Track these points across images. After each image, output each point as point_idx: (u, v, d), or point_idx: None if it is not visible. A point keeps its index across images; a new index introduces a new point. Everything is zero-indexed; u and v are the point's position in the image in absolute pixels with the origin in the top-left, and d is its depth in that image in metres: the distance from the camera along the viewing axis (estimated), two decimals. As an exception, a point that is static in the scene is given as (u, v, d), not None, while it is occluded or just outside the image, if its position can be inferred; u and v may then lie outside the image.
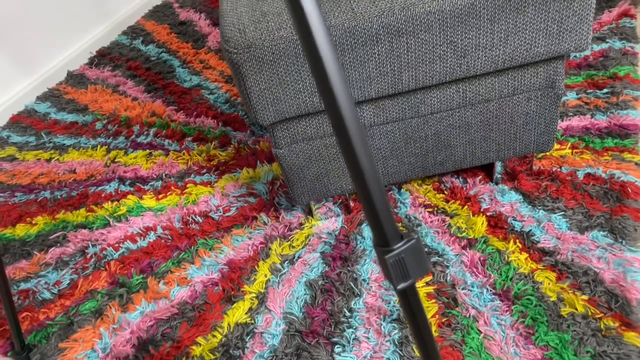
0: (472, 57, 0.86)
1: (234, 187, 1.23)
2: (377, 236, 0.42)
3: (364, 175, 0.41)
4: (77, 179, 1.36)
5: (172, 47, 1.85)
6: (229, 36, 0.83)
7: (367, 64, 0.84)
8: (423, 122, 0.96)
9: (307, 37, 0.38)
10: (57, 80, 1.80)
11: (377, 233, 0.42)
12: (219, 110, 1.50)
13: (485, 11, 0.81)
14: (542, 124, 0.99)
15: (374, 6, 0.81)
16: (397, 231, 0.42)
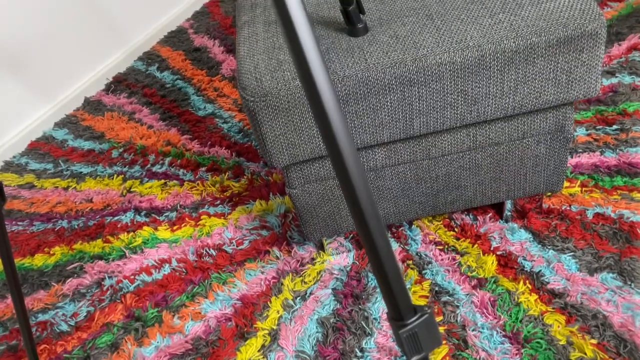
0: (482, 104, 0.88)
1: (247, 220, 1.26)
2: (391, 310, 0.44)
3: (379, 254, 0.43)
4: (93, 209, 1.39)
5: (187, 74, 1.89)
6: (246, 84, 0.86)
7: (379, 112, 0.87)
8: (434, 164, 0.98)
9: (311, 88, 0.40)
10: (75, 106, 1.84)
11: (392, 307, 0.44)
12: (232, 140, 1.53)
13: (495, 63, 0.83)
14: (551, 165, 1.01)
15: (387, 57, 0.83)
16: (411, 305, 0.44)
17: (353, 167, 0.43)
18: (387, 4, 0.95)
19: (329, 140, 0.42)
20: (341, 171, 0.42)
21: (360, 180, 0.43)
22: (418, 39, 0.85)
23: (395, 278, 0.43)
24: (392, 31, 0.88)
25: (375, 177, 0.99)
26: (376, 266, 0.43)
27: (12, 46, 1.64)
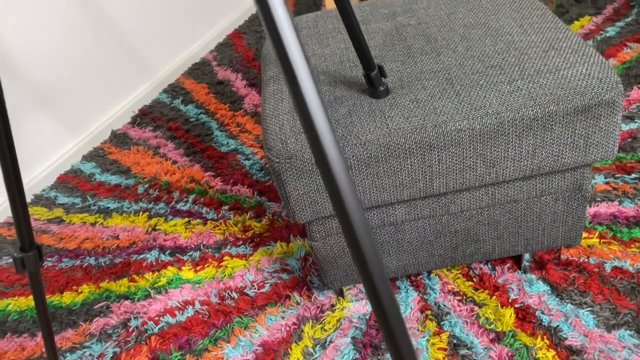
0: (500, 167, 0.90)
1: (268, 262, 1.29)
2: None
3: (386, 314, 0.45)
4: (120, 246, 1.44)
5: (210, 108, 1.94)
6: (272, 145, 0.89)
7: (399, 173, 0.89)
8: (453, 219, 1.00)
9: (319, 152, 0.42)
10: (102, 139, 1.90)
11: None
12: (254, 178, 1.56)
13: (513, 129, 0.85)
14: (569, 222, 1.02)
15: (408, 123, 0.86)
16: None
17: (360, 227, 0.45)
18: (409, 65, 0.98)
19: (335, 201, 0.44)
20: (348, 231, 0.45)
21: (367, 240, 0.46)
22: (438, 104, 0.88)
23: (400, 333, 0.46)
24: (412, 95, 0.91)
25: (395, 231, 1.01)
26: (381, 322, 0.46)
27: (42, 81, 1.70)
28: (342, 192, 0.44)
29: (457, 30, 1.05)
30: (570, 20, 1.94)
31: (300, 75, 0.39)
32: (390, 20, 1.15)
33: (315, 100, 0.41)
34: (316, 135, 0.42)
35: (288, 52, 0.38)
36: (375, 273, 0.46)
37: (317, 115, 0.41)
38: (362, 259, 0.46)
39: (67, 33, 1.74)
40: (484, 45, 0.98)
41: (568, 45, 0.93)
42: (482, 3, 1.13)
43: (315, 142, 0.42)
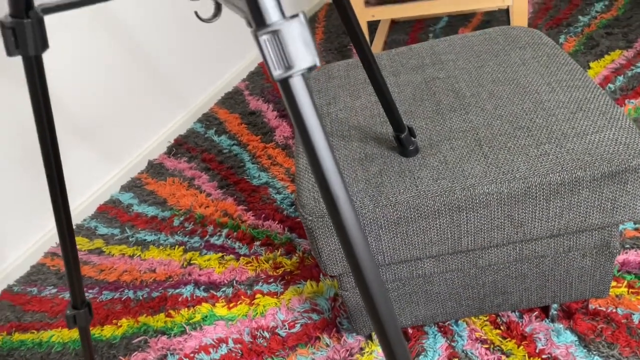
0: (528, 227, 0.92)
1: (299, 302, 1.33)
2: None
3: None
4: (157, 279, 1.50)
5: (242, 140, 2.00)
6: (305, 203, 0.94)
7: (429, 232, 0.92)
8: (481, 272, 1.03)
9: (335, 212, 0.46)
10: (139, 169, 1.98)
11: None
12: (285, 214, 1.61)
13: (540, 193, 0.88)
14: (597, 276, 1.03)
15: (436, 185, 0.89)
16: None
17: (373, 281, 0.49)
18: (438, 123, 1.02)
19: (349, 254, 0.48)
20: (361, 283, 0.48)
21: (379, 293, 0.49)
22: (466, 166, 0.91)
23: None
24: (441, 155, 0.94)
25: (424, 282, 1.04)
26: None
27: (83, 115, 1.79)
28: (357, 250, 0.48)
29: (485, 86, 1.08)
30: (601, 54, 1.93)
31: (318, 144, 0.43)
32: (420, 72, 1.18)
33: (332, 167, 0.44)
34: (332, 198, 0.45)
35: (305, 119, 0.41)
36: (387, 324, 0.50)
37: (332, 177, 0.45)
38: (374, 310, 0.50)
39: (105, 68, 1.83)
40: (512, 104, 1.01)
41: (596, 107, 0.95)
42: (511, 57, 1.15)
43: (332, 209, 0.46)
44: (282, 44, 0.38)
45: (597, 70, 1.86)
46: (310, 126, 0.41)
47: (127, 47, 1.89)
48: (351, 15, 0.81)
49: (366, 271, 0.49)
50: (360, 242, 0.48)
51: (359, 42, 0.84)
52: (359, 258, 0.48)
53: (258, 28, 0.38)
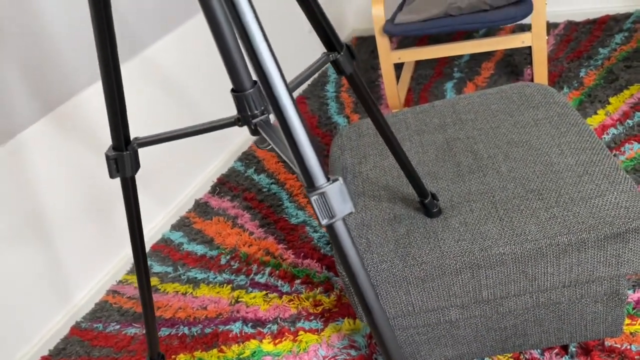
0: (541, 280, 1.04)
1: (338, 338, 1.46)
2: None
3: None
4: (208, 316, 1.66)
5: (280, 178, 2.16)
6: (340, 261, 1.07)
7: (452, 287, 1.05)
8: (502, 318, 1.14)
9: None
10: (187, 208, 2.15)
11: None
12: (322, 252, 1.75)
13: (550, 252, 0.99)
14: (609, 319, 1.14)
15: (458, 246, 1.02)
16: None
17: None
18: (458, 185, 1.14)
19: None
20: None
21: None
22: (484, 228, 1.03)
23: None
24: (461, 217, 1.07)
25: (450, 327, 1.16)
26: None
27: (140, 165, 1.97)
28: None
29: (501, 147, 1.20)
30: (620, 88, 2.01)
31: (357, 270, 0.57)
32: (442, 132, 1.31)
33: (369, 288, 0.58)
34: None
35: (346, 251, 0.56)
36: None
37: (369, 293, 0.59)
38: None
39: (152, 117, 2.01)
40: (525, 166, 1.13)
41: (600, 170, 1.06)
42: (524, 117, 1.27)
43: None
44: (327, 200, 0.52)
45: (616, 105, 1.94)
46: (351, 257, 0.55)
47: (171, 93, 2.07)
48: (362, 88, 0.93)
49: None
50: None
51: (372, 113, 0.97)
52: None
53: (309, 189, 0.53)
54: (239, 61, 0.62)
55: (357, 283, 0.56)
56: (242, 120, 0.66)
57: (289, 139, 0.52)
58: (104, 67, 0.62)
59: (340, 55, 0.77)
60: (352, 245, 0.55)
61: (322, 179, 0.52)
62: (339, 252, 0.55)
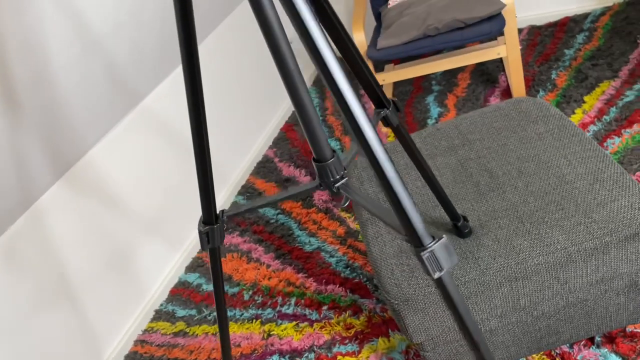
0: (572, 283, 1.14)
1: (376, 358, 1.54)
2: None
3: None
4: (243, 353, 1.70)
5: (285, 208, 2.22)
6: (389, 289, 1.15)
7: (493, 300, 1.14)
8: (536, 320, 1.24)
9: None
10: (198, 248, 2.19)
11: None
12: (342, 276, 1.82)
13: (578, 257, 1.10)
14: (630, 307, 1.25)
15: (495, 262, 1.11)
16: None
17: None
18: (482, 204, 1.24)
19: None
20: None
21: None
22: (516, 242, 1.13)
23: None
24: (492, 234, 1.16)
25: (490, 335, 1.25)
26: None
27: (144, 211, 2.00)
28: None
29: (513, 164, 1.30)
30: (592, 86, 2.17)
31: (463, 311, 0.65)
32: (453, 153, 1.41)
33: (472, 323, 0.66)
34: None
35: (453, 297, 0.64)
36: None
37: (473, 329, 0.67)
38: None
39: (156, 167, 2.05)
40: (540, 180, 1.23)
41: (609, 176, 1.18)
42: (527, 132, 1.38)
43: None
44: (436, 257, 0.60)
45: (591, 103, 2.09)
46: (457, 301, 0.63)
47: (171, 143, 2.11)
48: (406, 136, 1.02)
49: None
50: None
51: (414, 156, 1.05)
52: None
53: (418, 249, 0.60)
54: (320, 134, 0.69)
55: (464, 323, 0.64)
56: (323, 185, 0.73)
57: (395, 205, 0.60)
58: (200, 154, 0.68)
59: (388, 111, 0.85)
60: (458, 291, 0.63)
61: (428, 238, 0.60)
62: (447, 299, 0.63)
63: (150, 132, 2.01)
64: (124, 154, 1.89)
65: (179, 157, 2.13)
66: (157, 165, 2.04)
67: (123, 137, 1.88)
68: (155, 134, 2.03)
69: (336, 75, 0.57)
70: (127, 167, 1.91)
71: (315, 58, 0.57)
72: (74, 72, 1.47)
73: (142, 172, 1.97)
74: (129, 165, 1.91)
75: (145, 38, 1.76)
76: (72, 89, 1.50)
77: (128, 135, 1.91)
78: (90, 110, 1.69)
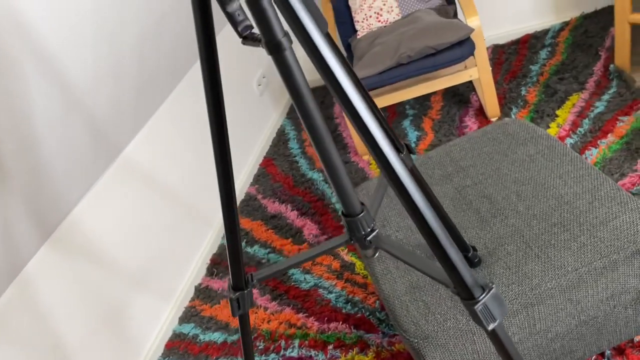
0: (584, 302, 1.15)
1: (391, 394, 1.51)
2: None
3: None
4: (252, 403, 1.65)
5: (275, 246, 2.19)
6: (406, 328, 1.14)
7: (510, 327, 1.14)
8: (551, 342, 1.24)
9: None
10: (189, 297, 2.13)
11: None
12: (344, 312, 1.80)
13: (589, 277, 1.11)
14: (638, 319, 1.27)
15: (509, 290, 1.12)
16: None
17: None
18: (486, 230, 1.25)
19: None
20: None
21: None
22: (526, 268, 1.14)
23: None
24: (502, 262, 1.17)
25: None
26: None
27: (130, 265, 1.94)
28: None
29: (510, 188, 1.32)
30: (562, 100, 2.25)
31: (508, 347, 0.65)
32: (448, 182, 1.42)
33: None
34: None
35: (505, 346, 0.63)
36: None
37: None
38: None
39: (140, 216, 2.00)
40: (539, 202, 1.25)
41: (606, 194, 1.21)
42: (518, 155, 1.41)
43: None
44: (489, 309, 0.59)
45: (564, 116, 2.16)
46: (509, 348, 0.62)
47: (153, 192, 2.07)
48: (419, 176, 1.02)
49: None
50: None
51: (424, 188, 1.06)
52: None
53: (469, 302, 0.60)
54: (349, 190, 0.69)
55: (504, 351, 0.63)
56: (354, 239, 0.72)
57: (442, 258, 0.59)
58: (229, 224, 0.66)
59: (403, 154, 0.85)
60: (511, 341, 0.62)
61: (479, 290, 0.60)
62: (502, 350, 0.62)
63: (132, 182, 1.96)
64: (107, 208, 1.83)
65: (161, 204, 2.08)
66: (141, 215, 1.98)
67: (105, 191, 1.83)
68: (137, 183, 1.98)
69: (377, 137, 0.56)
70: (111, 221, 1.85)
71: (347, 110, 0.56)
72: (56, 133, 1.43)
73: (126, 224, 1.91)
74: (113, 219, 1.86)
75: (124, 88, 1.73)
76: (55, 150, 1.45)
77: (110, 188, 1.85)
78: (72, 169, 1.64)
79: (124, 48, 1.66)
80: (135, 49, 1.72)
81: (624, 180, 1.77)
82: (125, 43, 1.66)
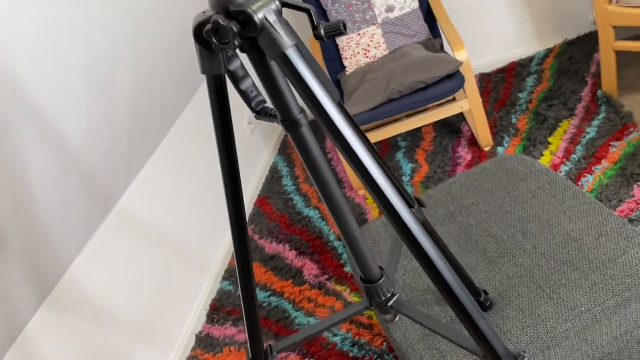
0: (599, 341, 1.14)
1: None
2: None
3: None
4: None
5: (275, 288, 2.15)
6: (422, 378, 1.11)
7: (528, 372, 1.12)
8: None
9: None
10: (190, 347, 2.08)
11: None
12: (351, 355, 1.76)
13: (602, 316, 1.10)
14: (653, 353, 1.26)
15: (524, 334, 1.10)
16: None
17: None
18: (495, 271, 1.24)
19: None
20: None
21: None
22: (539, 310, 1.12)
23: None
24: (514, 304, 1.15)
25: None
26: None
27: (128, 317, 1.90)
28: None
29: (515, 226, 1.32)
30: (553, 127, 2.27)
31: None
32: (452, 222, 1.41)
33: None
34: None
35: None
36: None
37: None
38: None
39: (137, 267, 1.96)
40: (546, 240, 1.25)
41: (612, 229, 1.21)
42: (520, 191, 1.41)
43: None
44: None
45: (556, 143, 2.18)
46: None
47: (146, 238, 2.03)
48: (429, 227, 1.01)
49: None
50: None
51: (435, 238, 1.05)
52: None
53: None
54: (368, 256, 0.67)
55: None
56: (374, 304, 0.71)
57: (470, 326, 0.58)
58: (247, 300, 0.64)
59: (414, 209, 0.84)
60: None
61: (510, 358, 0.58)
62: None
63: (127, 232, 1.92)
64: (103, 262, 1.80)
65: (156, 252, 2.05)
66: (137, 265, 1.94)
67: (101, 245, 1.80)
68: (132, 233, 1.95)
69: (388, 194, 0.55)
70: (108, 275, 1.81)
71: (358, 169, 0.55)
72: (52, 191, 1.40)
73: (122, 275, 1.87)
74: (110, 272, 1.82)
75: (117, 141, 1.71)
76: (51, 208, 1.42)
77: (105, 242, 1.82)
78: (68, 226, 1.61)
79: (116, 100, 1.65)
80: (127, 99, 1.71)
81: (622, 207, 1.78)
82: (117, 94, 1.65)
